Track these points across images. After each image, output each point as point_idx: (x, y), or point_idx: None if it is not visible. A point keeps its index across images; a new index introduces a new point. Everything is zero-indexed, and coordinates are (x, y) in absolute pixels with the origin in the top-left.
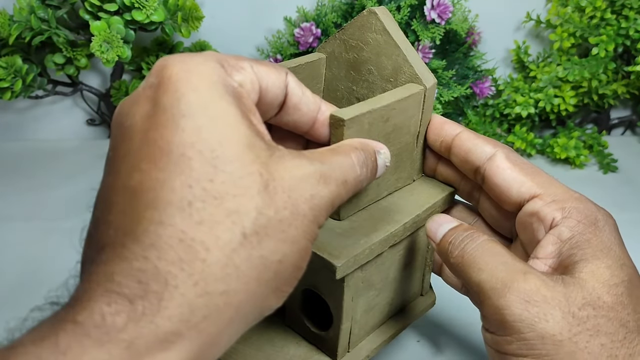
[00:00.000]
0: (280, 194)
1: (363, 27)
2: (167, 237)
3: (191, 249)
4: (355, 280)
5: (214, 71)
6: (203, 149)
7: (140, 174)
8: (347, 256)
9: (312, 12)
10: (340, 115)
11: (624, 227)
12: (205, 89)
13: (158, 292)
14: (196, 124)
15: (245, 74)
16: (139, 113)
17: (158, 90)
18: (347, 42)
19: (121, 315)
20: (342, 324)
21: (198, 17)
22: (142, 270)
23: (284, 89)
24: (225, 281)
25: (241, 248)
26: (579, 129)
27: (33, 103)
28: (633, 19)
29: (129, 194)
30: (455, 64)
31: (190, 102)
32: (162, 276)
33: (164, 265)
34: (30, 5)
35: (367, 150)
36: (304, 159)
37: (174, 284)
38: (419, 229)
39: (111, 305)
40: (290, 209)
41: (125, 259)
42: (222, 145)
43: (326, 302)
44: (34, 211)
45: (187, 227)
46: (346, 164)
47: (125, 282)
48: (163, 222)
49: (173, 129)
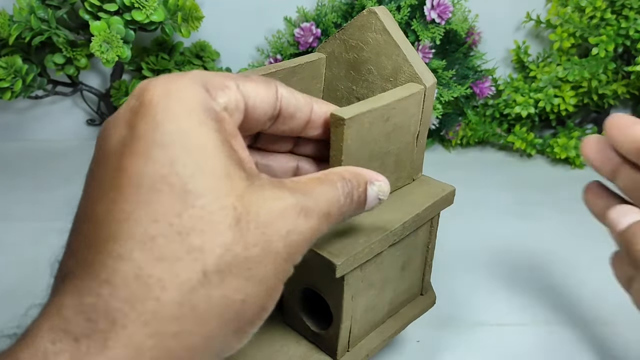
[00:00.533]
0: (252, 230)
1: (363, 27)
2: (123, 273)
3: (146, 287)
4: (355, 279)
5: (196, 96)
6: (175, 182)
7: (108, 202)
8: (346, 255)
9: (312, 12)
10: (340, 114)
11: None
12: (184, 117)
13: (105, 331)
14: (170, 155)
15: (230, 95)
16: (116, 137)
17: (137, 115)
18: (347, 42)
19: (64, 355)
20: (341, 323)
21: (198, 17)
22: (93, 306)
23: (274, 102)
24: (179, 322)
25: (200, 287)
26: (579, 129)
27: (33, 103)
28: (633, 19)
29: (93, 222)
30: (455, 64)
31: (167, 131)
32: (111, 314)
33: (115, 302)
34: (30, 5)
35: (356, 180)
36: (286, 191)
37: (123, 323)
38: (419, 228)
39: (55, 344)
40: (261, 246)
41: (78, 293)
42: (196, 177)
43: (326, 301)
44: (34, 211)
45: (145, 263)
46: (331, 195)
47: (74, 319)
48: (122, 256)
49: (146, 158)
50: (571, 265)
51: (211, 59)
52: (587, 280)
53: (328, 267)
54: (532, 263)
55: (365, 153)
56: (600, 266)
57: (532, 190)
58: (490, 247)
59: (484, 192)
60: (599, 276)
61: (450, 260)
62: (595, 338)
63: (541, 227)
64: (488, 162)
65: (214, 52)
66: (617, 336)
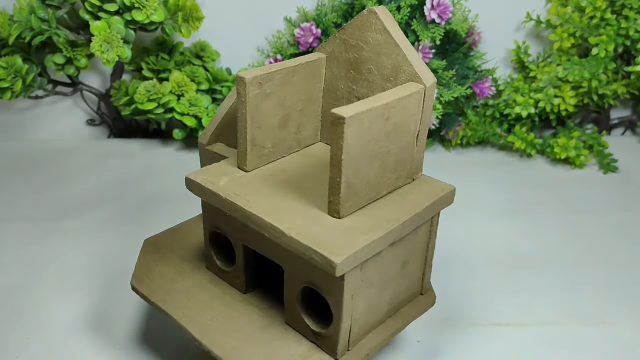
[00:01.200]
0: None
1: (363, 27)
2: None
3: None
4: (354, 278)
5: None
6: None
7: None
8: (346, 253)
9: (312, 12)
10: (340, 113)
11: (625, 227)
12: None
13: None
14: None
15: None
16: None
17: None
18: (347, 41)
19: None
20: (341, 322)
21: (198, 17)
22: None
23: None
24: None
25: None
26: (579, 129)
27: (33, 103)
28: (633, 19)
29: None
30: (455, 64)
31: None
32: None
33: None
34: (30, 5)
35: None
36: None
37: None
38: (418, 227)
39: None
40: None
41: None
42: None
43: (326, 300)
44: (34, 211)
45: None
46: None
47: None
48: None
49: None
50: (571, 265)
51: (211, 58)
52: (588, 280)
53: (328, 264)
54: (532, 263)
55: (365, 152)
56: (601, 266)
57: (532, 190)
58: (490, 247)
59: (484, 192)
60: (600, 276)
61: (450, 260)
62: (595, 338)
63: (541, 226)
64: (488, 162)
65: (214, 52)
66: (617, 336)
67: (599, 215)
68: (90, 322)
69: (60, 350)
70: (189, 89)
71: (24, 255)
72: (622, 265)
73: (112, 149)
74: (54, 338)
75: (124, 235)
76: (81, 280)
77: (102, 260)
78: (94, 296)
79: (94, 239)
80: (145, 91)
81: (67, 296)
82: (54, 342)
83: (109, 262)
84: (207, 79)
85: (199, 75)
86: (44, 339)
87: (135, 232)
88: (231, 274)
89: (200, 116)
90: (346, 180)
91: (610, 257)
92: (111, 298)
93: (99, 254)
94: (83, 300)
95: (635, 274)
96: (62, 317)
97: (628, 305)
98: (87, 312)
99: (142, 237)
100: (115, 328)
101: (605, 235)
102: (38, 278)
